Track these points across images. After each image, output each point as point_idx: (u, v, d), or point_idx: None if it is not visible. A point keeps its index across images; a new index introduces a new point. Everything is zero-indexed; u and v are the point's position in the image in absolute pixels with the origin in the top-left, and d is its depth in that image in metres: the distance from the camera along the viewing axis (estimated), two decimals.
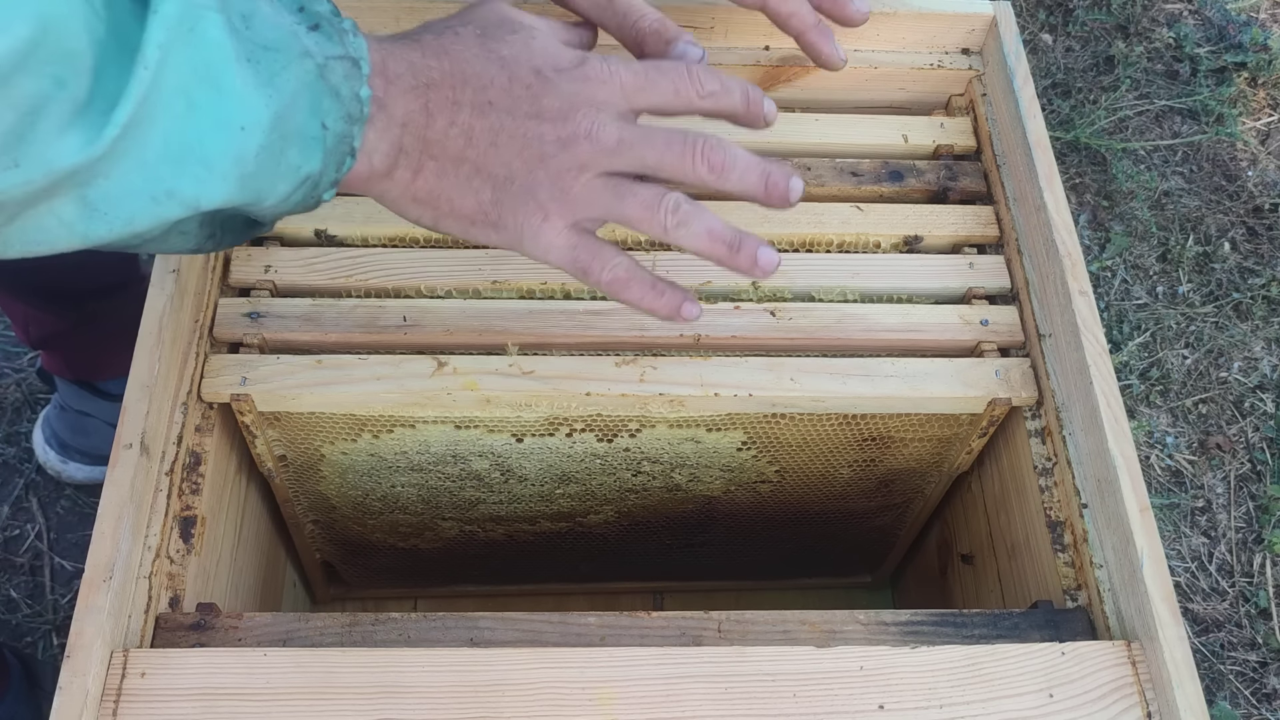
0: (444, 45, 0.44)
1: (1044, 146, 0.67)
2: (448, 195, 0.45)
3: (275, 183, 0.40)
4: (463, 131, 0.44)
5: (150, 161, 0.37)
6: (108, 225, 0.37)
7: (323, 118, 0.41)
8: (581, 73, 0.45)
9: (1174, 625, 0.52)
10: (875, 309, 0.66)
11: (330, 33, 0.42)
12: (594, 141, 0.44)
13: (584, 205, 0.46)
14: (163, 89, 0.36)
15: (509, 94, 0.44)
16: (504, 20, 0.46)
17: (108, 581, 0.51)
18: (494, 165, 0.44)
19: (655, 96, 0.46)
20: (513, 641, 0.54)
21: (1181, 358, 1.37)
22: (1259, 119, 1.57)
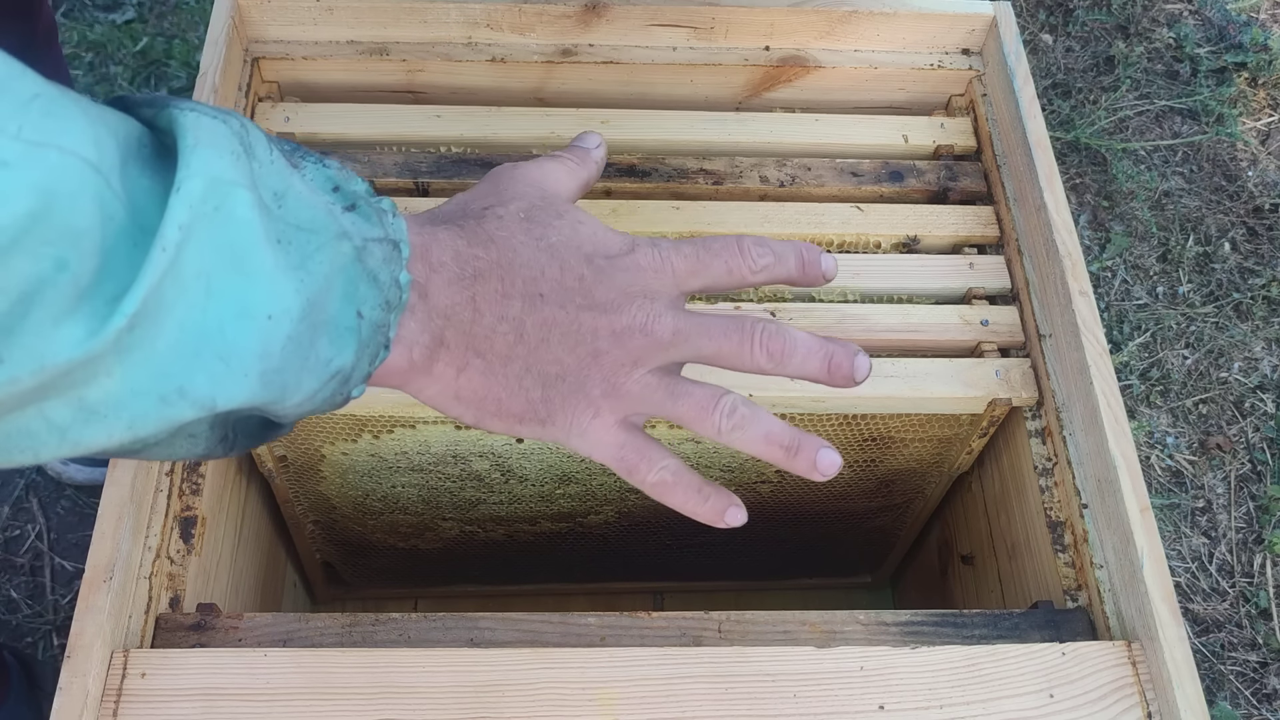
0: (489, 232, 0.41)
1: (1044, 147, 0.67)
2: (495, 395, 0.42)
3: (302, 378, 0.36)
4: (513, 327, 0.41)
5: (161, 355, 0.32)
6: (107, 431, 0.32)
7: (359, 305, 0.37)
8: (633, 261, 0.42)
9: (1174, 625, 0.52)
10: (876, 309, 0.66)
11: (368, 213, 0.38)
12: (649, 335, 0.42)
13: (636, 402, 0.43)
14: (181, 273, 0.31)
15: (561, 285, 0.41)
16: (547, 201, 0.43)
17: (108, 582, 0.51)
18: (545, 362, 0.42)
19: (708, 279, 0.44)
20: (513, 641, 0.54)
21: (1182, 358, 1.37)
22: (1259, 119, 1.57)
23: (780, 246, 0.45)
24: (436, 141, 0.70)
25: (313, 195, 0.37)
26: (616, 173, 0.69)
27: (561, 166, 0.47)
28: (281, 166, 0.36)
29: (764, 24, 0.73)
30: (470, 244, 0.40)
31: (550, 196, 0.44)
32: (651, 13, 0.72)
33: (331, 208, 0.37)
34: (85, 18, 1.59)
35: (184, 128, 0.33)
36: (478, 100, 0.74)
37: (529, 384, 0.42)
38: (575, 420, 0.43)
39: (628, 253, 0.42)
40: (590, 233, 0.43)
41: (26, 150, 0.28)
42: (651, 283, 0.42)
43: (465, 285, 0.40)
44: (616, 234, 0.44)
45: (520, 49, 0.73)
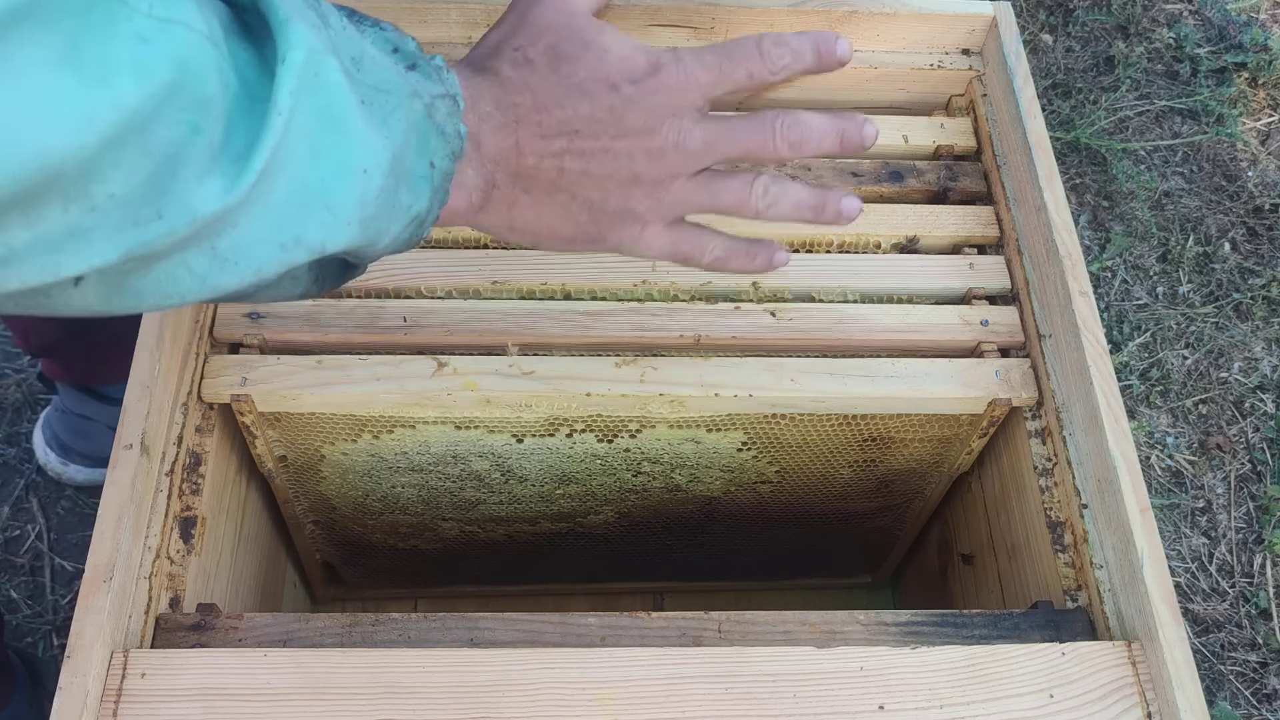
0: (523, 79, 0.45)
1: (1044, 147, 0.67)
2: (546, 223, 0.46)
3: (390, 223, 0.41)
4: (554, 163, 0.45)
5: (277, 209, 0.36)
6: (238, 275, 0.37)
7: (430, 156, 0.41)
8: (659, 82, 0.45)
9: (1174, 625, 0.52)
10: (876, 309, 0.66)
11: (428, 71, 0.42)
12: (681, 149, 0.45)
13: (679, 206, 0.48)
14: (290, 137, 0.35)
15: (593, 119, 0.44)
16: (572, 32, 0.46)
17: (108, 582, 0.51)
18: (589, 190, 0.46)
19: (731, 84, 0.46)
20: (513, 642, 0.54)
21: (1182, 358, 1.37)
22: (1259, 119, 1.57)
23: (797, 42, 0.47)
24: None
25: (383, 58, 0.40)
26: None
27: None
28: (352, 32, 0.40)
29: (764, 24, 0.73)
30: (508, 91, 0.44)
31: (575, 25, 0.45)
32: (651, 12, 0.72)
33: (398, 68, 0.41)
34: None
35: (271, 4, 0.36)
36: None
37: (575, 210, 0.46)
38: (625, 235, 0.48)
39: (653, 73, 0.45)
40: (616, 59, 0.45)
41: (160, 26, 0.31)
42: (678, 100, 0.45)
43: (509, 131, 0.44)
44: (641, 53, 0.45)
45: None
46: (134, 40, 0.30)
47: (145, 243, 0.33)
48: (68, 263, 0.32)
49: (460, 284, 0.65)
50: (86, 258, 0.32)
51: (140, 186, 0.32)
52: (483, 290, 0.65)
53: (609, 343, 0.63)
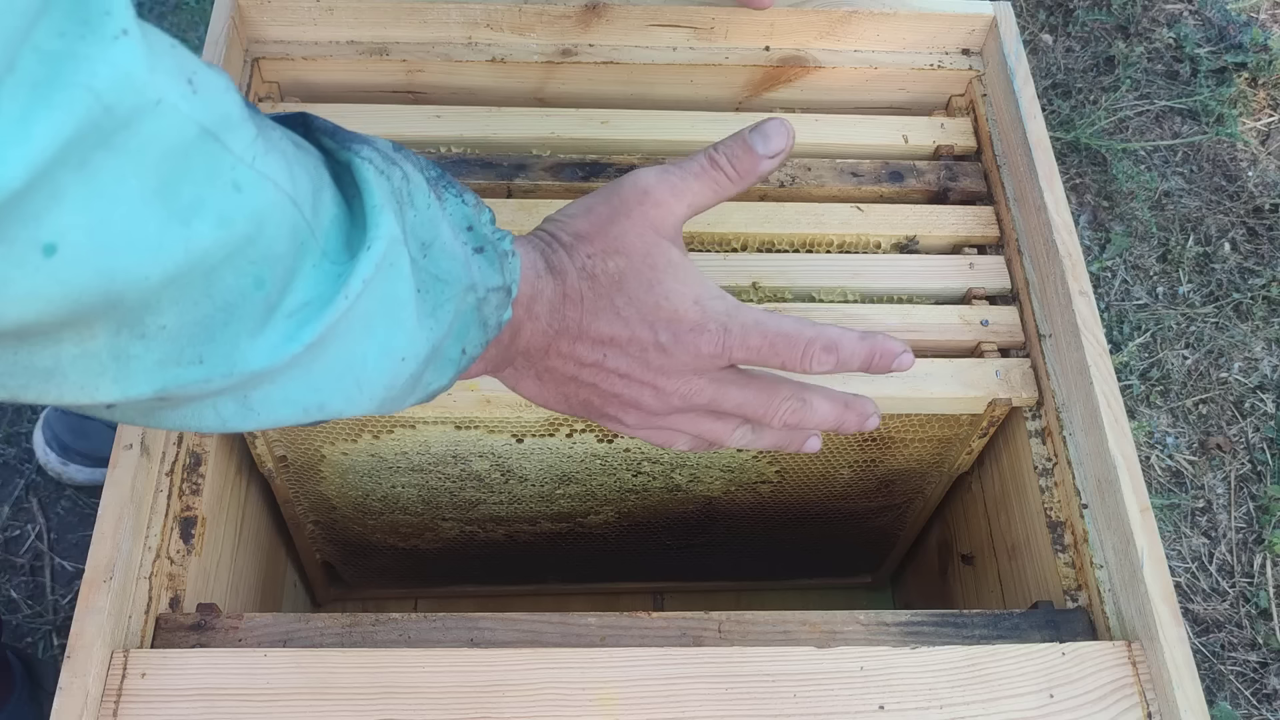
0: (581, 294, 0.46)
1: (1044, 147, 0.67)
2: (542, 399, 0.49)
3: (406, 399, 0.42)
4: (573, 371, 0.47)
5: (315, 376, 0.37)
6: (256, 423, 0.37)
7: (465, 344, 0.43)
8: (694, 343, 0.46)
9: (1174, 626, 0.52)
10: (876, 309, 0.66)
11: (492, 258, 0.43)
12: (686, 400, 0.47)
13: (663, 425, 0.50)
14: (352, 315, 0.36)
15: (623, 353, 0.46)
16: (643, 272, 0.46)
17: (108, 582, 0.51)
18: (590, 396, 0.48)
19: (766, 366, 0.48)
20: (513, 642, 0.54)
21: (1182, 358, 1.37)
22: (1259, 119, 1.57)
23: (850, 351, 0.47)
24: (436, 141, 0.70)
25: (453, 242, 0.42)
26: (617, 173, 0.69)
27: (705, 187, 0.48)
28: (434, 212, 0.41)
29: (764, 24, 0.73)
30: (564, 302, 0.46)
31: (651, 259, 0.47)
32: (651, 13, 0.72)
33: (465, 252, 0.42)
34: None
35: (368, 183, 0.38)
36: (478, 100, 0.74)
37: (573, 403, 0.49)
38: (609, 427, 0.50)
39: (695, 333, 0.46)
40: (670, 310, 0.46)
41: (256, 180, 0.32)
42: (704, 364, 0.47)
43: (548, 337, 0.46)
44: (697, 310, 0.46)
45: (520, 49, 0.73)
46: (229, 188, 0.31)
47: (181, 385, 0.34)
48: (106, 389, 0.32)
49: None
50: (124, 388, 0.33)
51: (192, 325, 0.33)
52: None
53: None
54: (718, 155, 0.48)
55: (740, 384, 0.48)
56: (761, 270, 0.66)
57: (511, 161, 0.69)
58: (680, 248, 0.48)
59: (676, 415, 0.49)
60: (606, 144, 0.71)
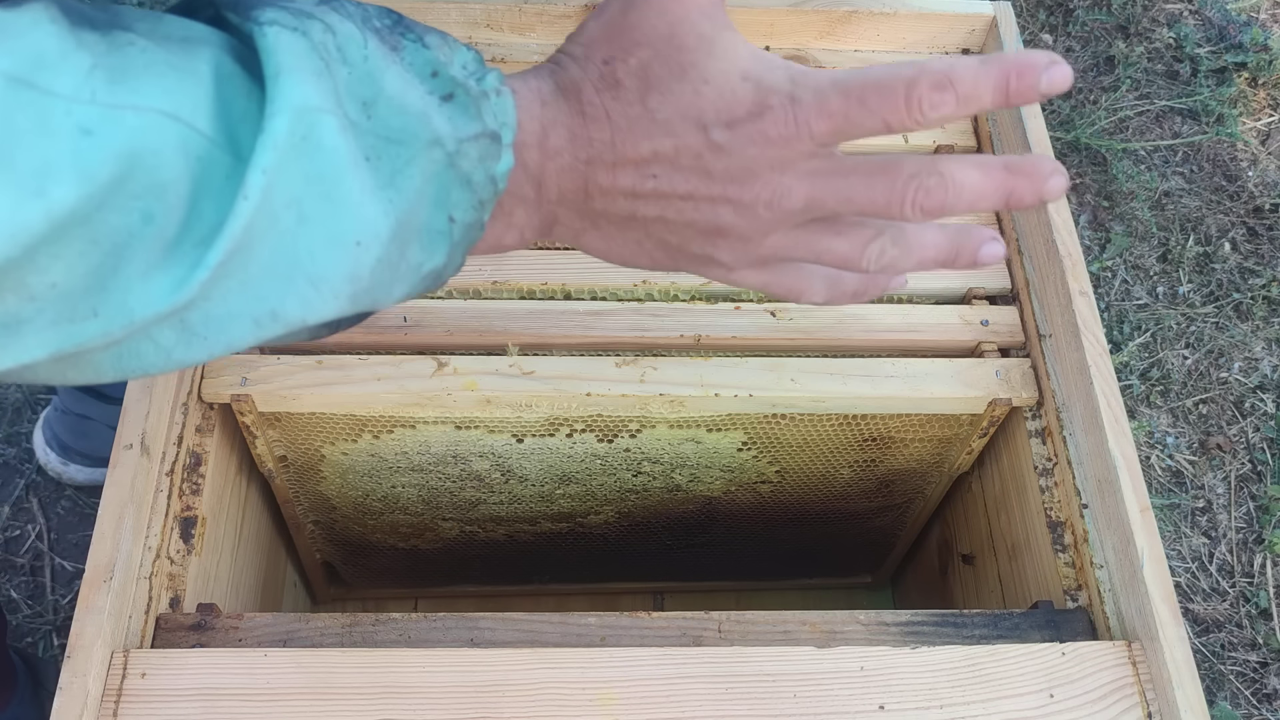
0: (605, 106, 0.38)
1: (1044, 147, 0.67)
2: (618, 253, 0.41)
3: (393, 288, 0.37)
4: (627, 205, 0.39)
5: (255, 281, 0.33)
6: (208, 349, 0.33)
7: (450, 210, 0.36)
8: (759, 130, 0.37)
9: (1174, 625, 0.52)
10: (875, 309, 0.66)
11: (466, 103, 0.36)
12: (775, 208, 0.38)
13: (772, 259, 0.41)
14: (270, 207, 0.32)
15: (675, 164, 0.38)
16: (674, 54, 0.38)
17: (108, 582, 0.51)
18: (665, 234, 0.40)
19: (860, 135, 0.38)
20: (513, 642, 0.54)
21: (1182, 358, 1.37)
22: (1259, 119, 1.57)
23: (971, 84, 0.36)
24: None
25: (406, 93, 0.35)
26: None
27: None
28: (376, 62, 0.35)
29: (764, 24, 0.73)
30: (586, 122, 0.38)
31: (678, 38, 0.38)
32: None
33: (426, 103, 0.35)
34: None
35: (266, 50, 0.32)
36: None
37: (651, 247, 0.41)
38: (710, 273, 0.42)
39: (757, 117, 0.37)
40: (715, 94, 0.37)
41: (106, 114, 0.28)
42: (781, 152, 0.37)
43: (579, 171, 0.39)
44: (751, 84, 0.37)
45: (520, 49, 0.73)
46: (75, 135, 0.28)
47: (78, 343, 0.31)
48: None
49: (460, 284, 0.65)
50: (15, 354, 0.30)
51: (84, 277, 0.30)
52: (483, 290, 0.65)
53: (609, 343, 0.63)
54: None
55: (843, 170, 0.38)
56: None
57: None
58: (716, 21, 0.39)
59: (778, 237, 0.40)
60: None
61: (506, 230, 0.40)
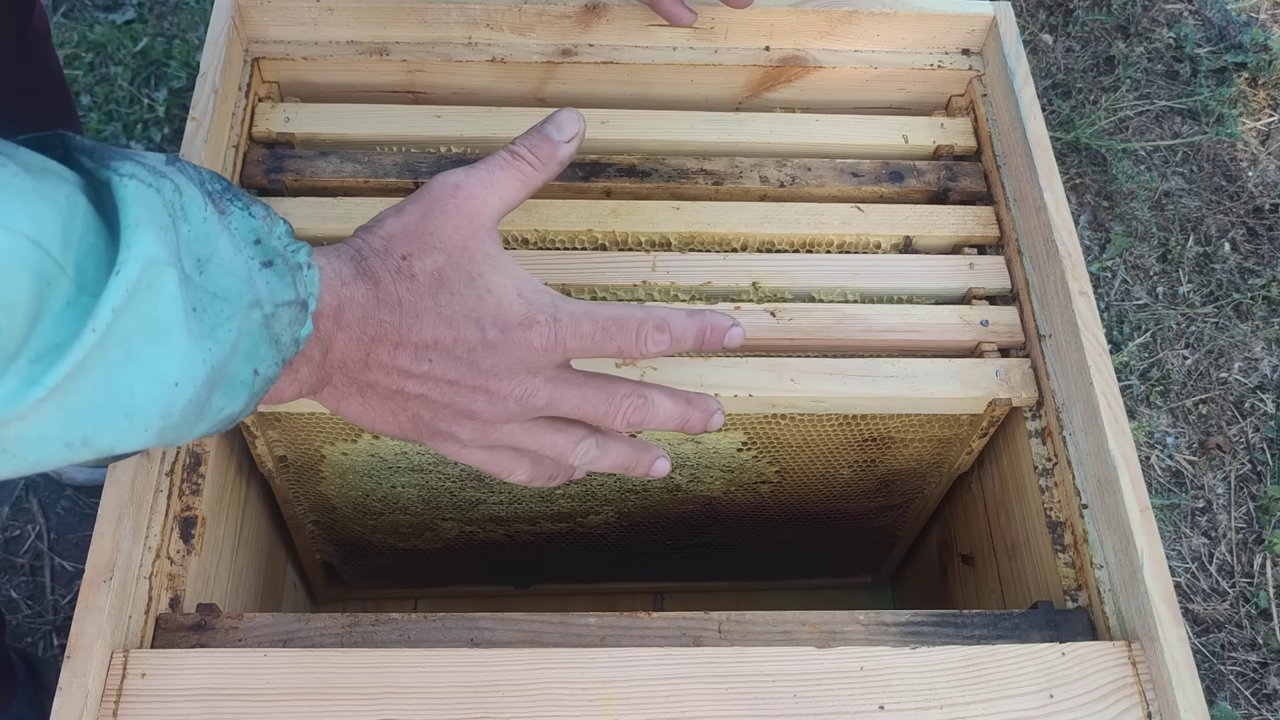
0: (399, 295, 0.44)
1: (1044, 147, 0.67)
2: (369, 419, 0.46)
3: (194, 428, 0.40)
4: (397, 382, 0.45)
5: (74, 409, 0.35)
6: (13, 466, 0.35)
7: (256, 364, 0.40)
8: (525, 338, 0.45)
9: (1174, 626, 0.52)
10: (875, 309, 0.66)
11: (283, 272, 0.40)
12: (522, 403, 0.46)
13: (502, 441, 0.48)
14: (105, 343, 0.34)
15: (450, 355, 0.44)
16: (464, 264, 0.45)
17: (108, 582, 0.51)
18: (420, 409, 0.46)
19: (598, 355, 0.47)
20: (513, 642, 0.54)
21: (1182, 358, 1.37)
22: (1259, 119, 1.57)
23: (681, 329, 0.47)
24: (436, 141, 0.70)
25: (234, 256, 0.39)
26: (617, 173, 0.69)
27: (512, 178, 0.48)
28: (211, 225, 0.39)
29: (764, 24, 0.73)
30: (378, 306, 0.43)
31: (469, 251, 0.45)
32: (651, 14, 0.72)
33: (250, 266, 0.40)
34: (85, 18, 1.59)
35: (124, 201, 0.35)
36: (478, 100, 0.74)
37: (403, 420, 0.46)
38: (443, 448, 0.48)
39: (524, 327, 0.45)
40: (495, 302, 0.45)
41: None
42: (537, 359, 0.45)
43: (364, 346, 0.44)
44: (523, 302, 0.45)
45: (520, 49, 0.73)
46: None
47: None
48: None
49: None
50: None
51: None
52: None
53: None
54: (518, 147, 0.48)
55: (577, 382, 0.47)
56: (761, 270, 0.66)
57: None
58: (497, 243, 0.46)
59: (514, 426, 0.47)
60: (606, 144, 0.71)
61: (289, 384, 0.44)
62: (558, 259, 0.66)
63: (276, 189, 0.68)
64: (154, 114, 1.49)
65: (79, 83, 1.51)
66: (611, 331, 0.46)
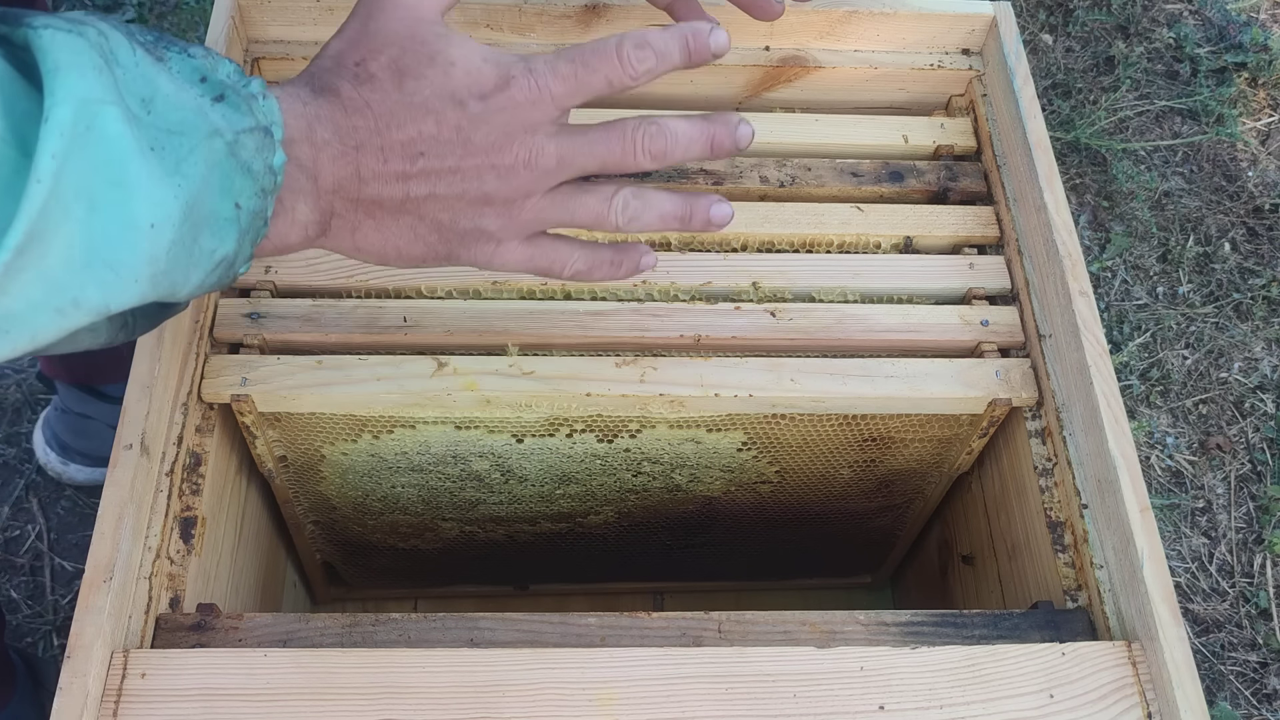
0: (364, 97, 0.42)
1: (1044, 147, 0.67)
2: (393, 245, 0.45)
3: (189, 273, 0.39)
4: (398, 187, 0.43)
5: (53, 271, 0.34)
6: (11, 343, 0.34)
7: (236, 197, 0.39)
8: (508, 97, 0.43)
9: (1174, 626, 0.52)
10: (875, 309, 0.66)
11: (237, 102, 0.39)
12: (533, 167, 0.44)
13: (534, 224, 0.46)
14: (62, 196, 0.33)
15: (438, 140, 0.42)
16: (417, 47, 0.43)
17: (108, 582, 0.51)
18: (436, 212, 0.44)
19: (589, 92, 0.45)
20: (513, 642, 0.54)
21: (1182, 358, 1.37)
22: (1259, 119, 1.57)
23: (662, 42, 0.45)
24: None
25: (180, 93, 0.38)
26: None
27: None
28: (147, 67, 0.37)
29: (764, 24, 0.73)
30: (348, 113, 0.42)
31: (419, 36, 0.43)
32: (652, 13, 0.72)
33: (200, 102, 0.38)
34: None
35: (43, 50, 0.34)
36: None
37: (424, 231, 0.44)
38: (479, 252, 0.46)
39: (503, 87, 0.43)
40: (463, 73, 0.43)
41: None
42: (530, 115, 0.43)
43: (349, 158, 0.42)
44: (491, 64, 0.43)
45: (520, 49, 0.73)
46: None
47: None
48: None
49: (460, 284, 0.65)
50: None
51: None
52: (483, 290, 0.65)
53: (609, 343, 0.63)
54: None
55: (582, 130, 0.45)
56: (761, 270, 0.66)
57: None
58: (448, 28, 0.45)
59: (538, 200, 0.45)
60: None
61: (290, 227, 0.42)
62: None
63: None
64: None
65: None
66: (593, 63, 0.44)
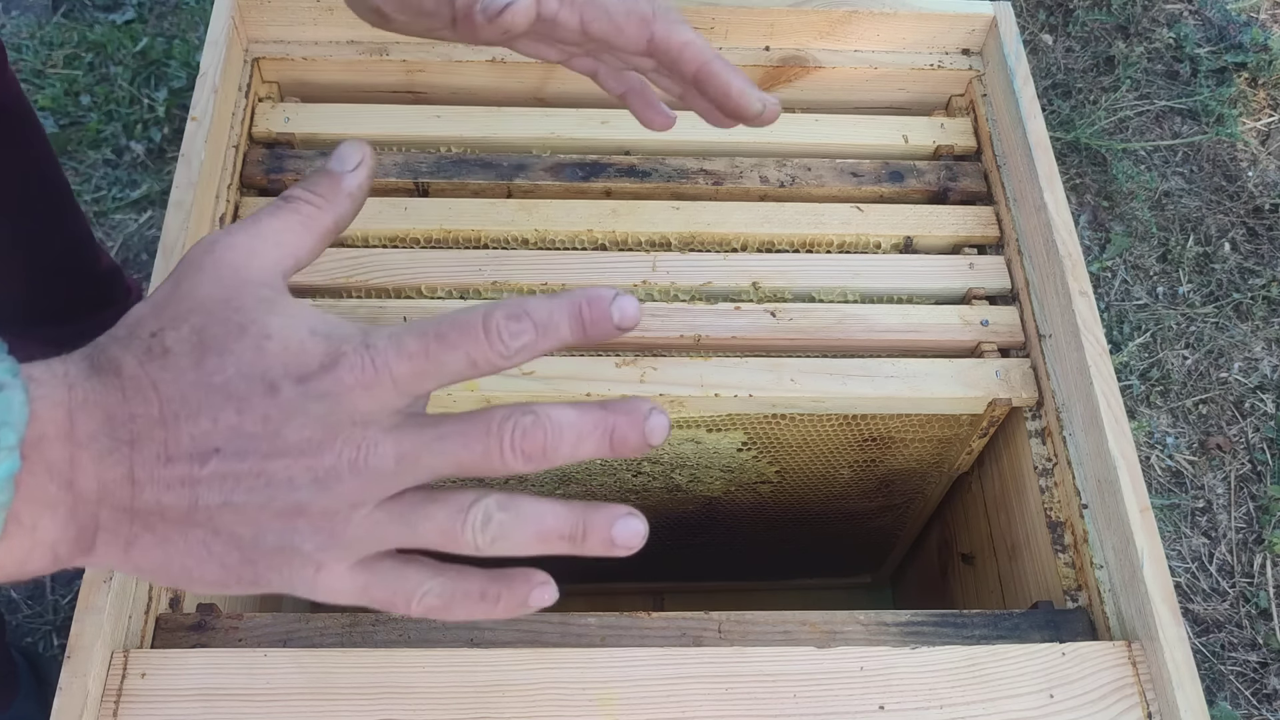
0: (151, 378, 0.33)
1: (1044, 147, 0.67)
2: (180, 565, 0.34)
3: None
4: (184, 494, 0.33)
5: None
6: None
7: None
8: (335, 380, 0.33)
9: (1174, 626, 0.52)
10: (875, 309, 0.66)
11: None
12: (361, 472, 0.33)
13: (367, 542, 0.35)
14: None
15: (239, 433, 0.33)
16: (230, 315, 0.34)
17: (108, 582, 0.51)
18: (234, 525, 0.33)
19: (447, 375, 0.34)
20: (513, 642, 0.54)
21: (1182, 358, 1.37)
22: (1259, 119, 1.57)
23: (545, 313, 0.35)
24: (436, 142, 0.70)
25: None
26: (617, 173, 0.69)
27: (288, 222, 0.38)
28: None
29: (764, 24, 0.73)
30: (126, 398, 0.33)
31: (236, 302, 0.35)
32: None
33: None
34: (85, 18, 1.59)
35: None
36: (478, 100, 0.74)
37: (219, 550, 0.34)
38: (294, 578, 0.35)
39: (329, 369, 0.33)
40: (280, 348, 0.34)
41: None
42: (361, 403, 0.33)
43: (120, 458, 0.33)
44: (320, 338, 0.34)
45: None
46: None
47: None
48: None
49: (460, 284, 0.65)
50: None
51: None
52: (483, 290, 0.65)
53: (609, 343, 0.63)
54: (292, 189, 0.39)
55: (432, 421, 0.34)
56: (761, 270, 0.66)
57: (511, 162, 0.69)
58: (280, 290, 0.36)
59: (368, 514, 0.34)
60: (606, 144, 0.71)
61: (31, 549, 0.33)
62: (557, 259, 0.66)
63: (276, 189, 0.68)
64: (154, 114, 1.49)
65: (79, 83, 1.51)
66: (449, 337, 0.34)
